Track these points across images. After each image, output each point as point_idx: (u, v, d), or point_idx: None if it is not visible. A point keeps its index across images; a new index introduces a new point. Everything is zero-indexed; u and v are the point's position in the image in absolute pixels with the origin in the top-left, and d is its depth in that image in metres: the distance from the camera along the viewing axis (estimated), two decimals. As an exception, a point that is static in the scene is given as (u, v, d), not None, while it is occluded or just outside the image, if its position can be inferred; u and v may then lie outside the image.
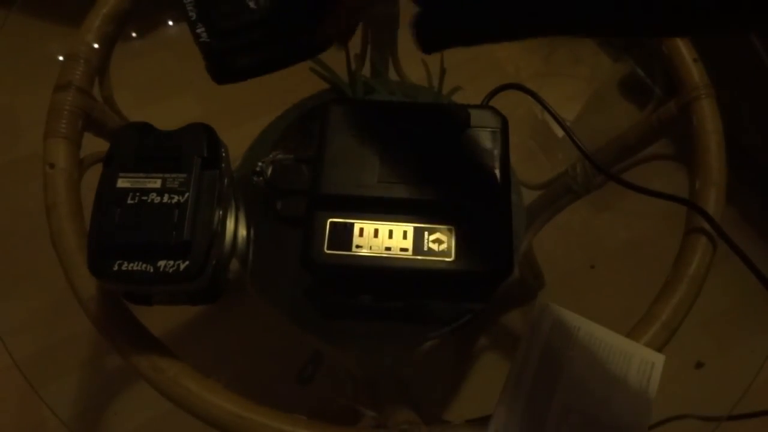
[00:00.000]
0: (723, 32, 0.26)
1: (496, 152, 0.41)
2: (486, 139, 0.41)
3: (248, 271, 0.58)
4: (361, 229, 0.38)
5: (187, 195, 0.39)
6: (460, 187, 0.39)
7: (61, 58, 0.51)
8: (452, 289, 0.42)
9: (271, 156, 0.50)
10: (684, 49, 0.56)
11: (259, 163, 0.50)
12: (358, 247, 0.37)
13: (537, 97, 0.52)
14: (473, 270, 0.37)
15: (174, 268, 0.37)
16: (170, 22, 1.15)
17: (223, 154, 0.43)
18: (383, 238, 0.38)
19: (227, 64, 0.41)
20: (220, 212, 0.40)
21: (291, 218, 0.56)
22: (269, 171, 0.50)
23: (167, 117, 0.45)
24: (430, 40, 0.33)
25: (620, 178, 0.52)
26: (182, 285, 0.38)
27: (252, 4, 0.39)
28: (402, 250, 0.37)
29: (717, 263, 0.49)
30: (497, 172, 0.40)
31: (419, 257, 0.37)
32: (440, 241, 0.38)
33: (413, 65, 0.75)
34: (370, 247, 0.37)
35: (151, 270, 0.37)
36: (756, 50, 0.61)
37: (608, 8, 0.25)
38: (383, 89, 0.64)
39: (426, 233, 0.38)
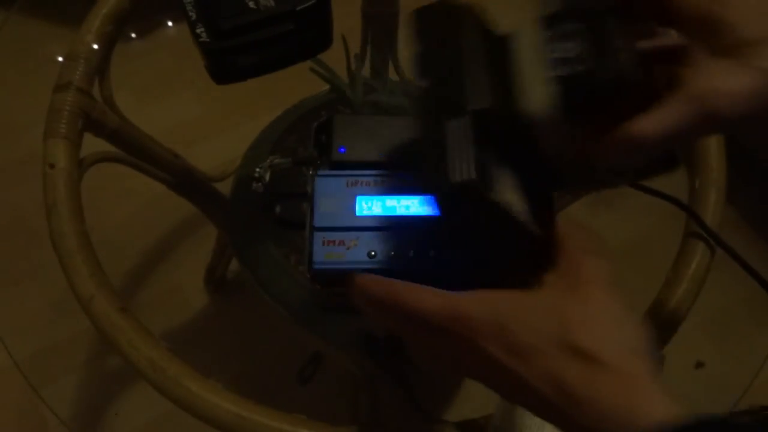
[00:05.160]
0: None
1: None
2: None
3: (249, 271, 0.58)
4: None
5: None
6: None
7: (60, 58, 0.51)
8: None
9: (268, 161, 0.50)
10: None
11: (257, 169, 0.50)
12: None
13: None
14: None
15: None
16: (170, 23, 1.15)
17: None
18: None
19: (227, 64, 0.41)
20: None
21: (290, 222, 0.56)
22: (267, 176, 0.50)
23: (167, 117, 0.45)
24: None
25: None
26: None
27: (252, 4, 0.39)
28: None
29: (717, 263, 0.49)
30: None
31: None
32: None
33: (413, 65, 0.75)
34: None
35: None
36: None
37: None
38: (383, 89, 0.64)
39: None
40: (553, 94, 0.29)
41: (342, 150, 0.41)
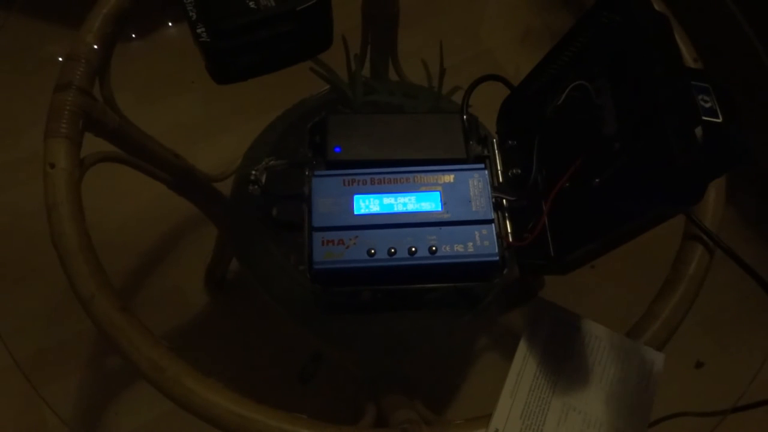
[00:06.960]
0: None
1: None
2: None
3: (249, 271, 0.58)
4: None
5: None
6: None
7: (60, 58, 0.51)
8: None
9: (264, 162, 0.50)
10: (684, 49, 0.56)
11: (253, 172, 0.50)
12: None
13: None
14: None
15: None
16: (170, 23, 1.15)
17: None
18: None
19: (227, 64, 0.41)
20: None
21: (287, 224, 0.56)
22: (264, 178, 0.50)
23: (167, 117, 0.45)
24: None
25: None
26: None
27: (252, 4, 0.39)
28: None
29: (717, 263, 0.49)
30: None
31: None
32: None
33: (413, 65, 0.75)
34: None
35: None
36: (757, 51, 0.62)
37: None
38: (383, 89, 0.64)
39: None
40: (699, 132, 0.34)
41: (337, 149, 0.41)
